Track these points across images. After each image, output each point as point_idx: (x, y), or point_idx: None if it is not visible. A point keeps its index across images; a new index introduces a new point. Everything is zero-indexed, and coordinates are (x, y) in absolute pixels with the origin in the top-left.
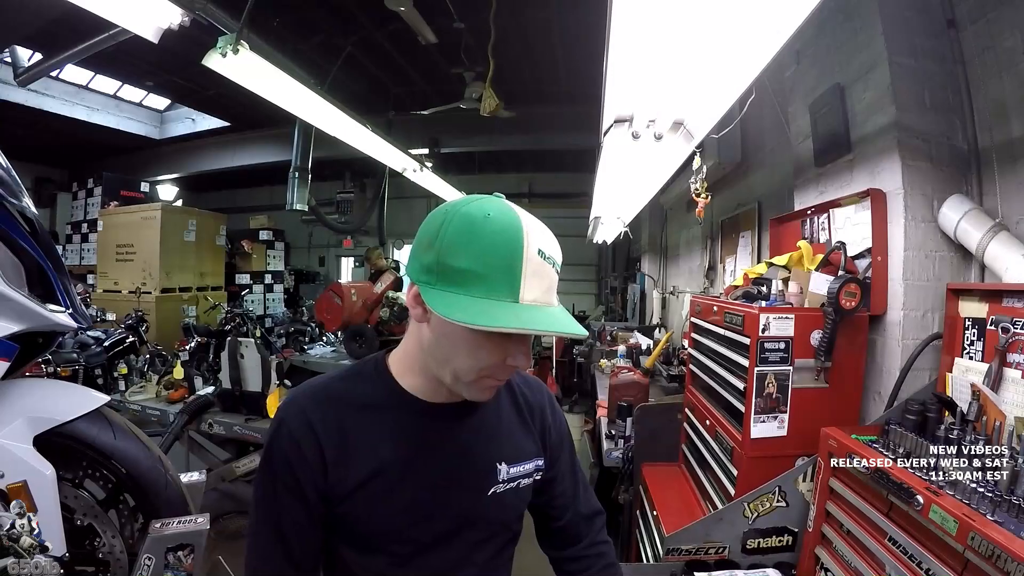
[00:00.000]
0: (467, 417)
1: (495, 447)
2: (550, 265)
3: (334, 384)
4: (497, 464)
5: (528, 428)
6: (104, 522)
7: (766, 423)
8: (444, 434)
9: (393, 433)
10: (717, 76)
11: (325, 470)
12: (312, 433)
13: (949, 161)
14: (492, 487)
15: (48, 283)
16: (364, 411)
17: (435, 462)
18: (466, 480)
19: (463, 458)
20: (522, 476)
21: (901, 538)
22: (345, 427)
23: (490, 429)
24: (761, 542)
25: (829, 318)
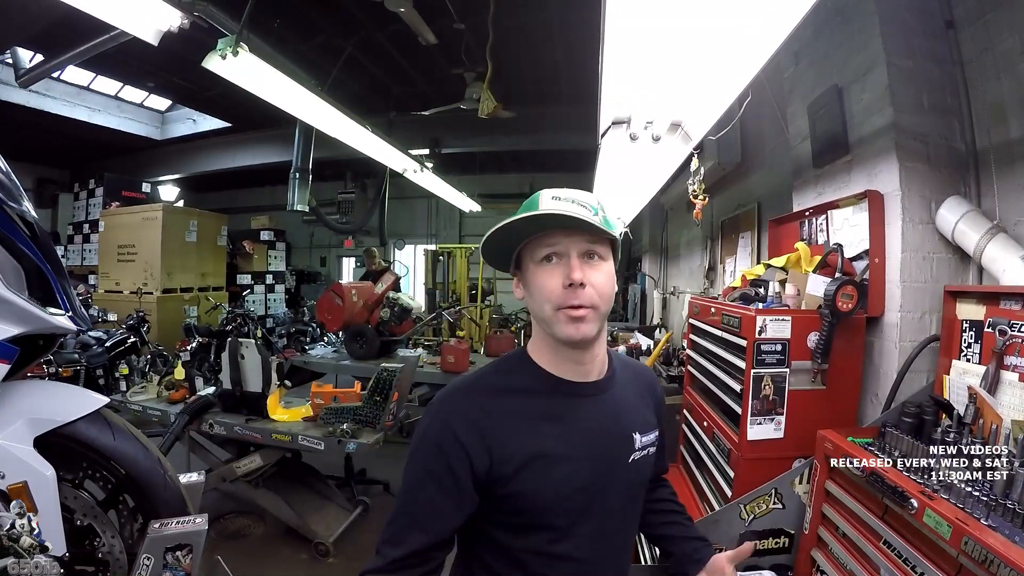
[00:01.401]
0: (605, 392)
1: (629, 419)
2: (568, 202)
3: (486, 377)
4: (633, 434)
5: (647, 402)
6: (104, 522)
7: (763, 425)
8: (590, 410)
9: (549, 414)
10: (715, 77)
11: (489, 454)
12: (469, 421)
13: (947, 163)
14: (631, 455)
15: (48, 286)
16: (520, 397)
17: (587, 437)
18: (612, 450)
19: (608, 430)
20: (650, 445)
21: (896, 542)
22: (504, 413)
23: (624, 403)
24: (757, 544)
25: (826, 320)
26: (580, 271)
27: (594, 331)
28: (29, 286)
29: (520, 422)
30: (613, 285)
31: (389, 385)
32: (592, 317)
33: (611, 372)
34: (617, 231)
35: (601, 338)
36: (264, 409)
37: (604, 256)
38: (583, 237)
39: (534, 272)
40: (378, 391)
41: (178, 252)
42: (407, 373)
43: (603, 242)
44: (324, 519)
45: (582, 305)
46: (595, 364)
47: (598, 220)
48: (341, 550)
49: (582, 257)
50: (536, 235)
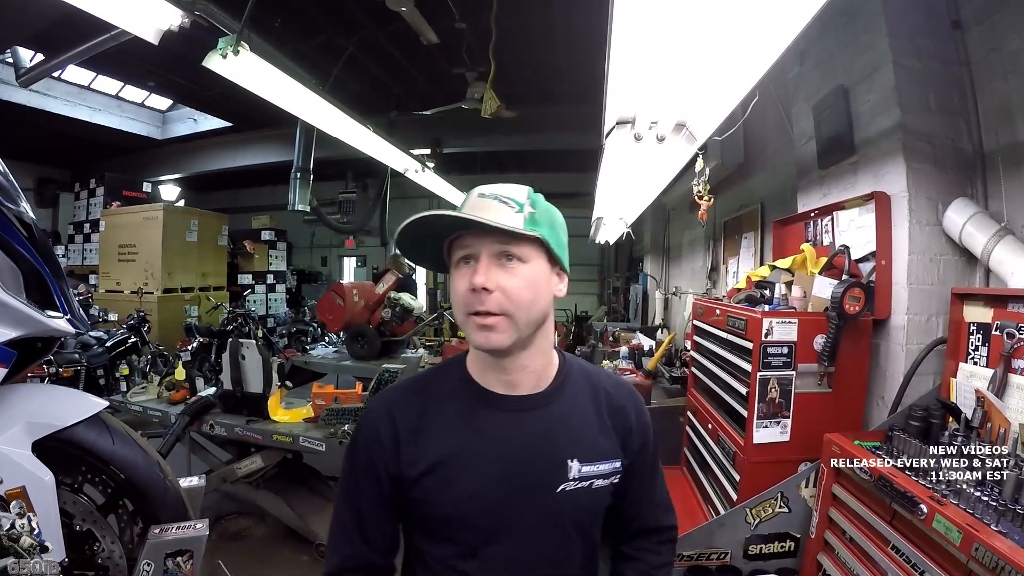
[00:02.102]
0: (539, 410)
1: (567, 443)
2: (491, 199)
3: (420, 379)
4: (568, 461)
5: (607, 428)
6: (103, 527)
7: (768, 428)
8: (514, 426)
9: (464, 422)
10: (720, 78)
11: (398, 452)
12: (390, 418)
13: (954, 164)
14: (562, 484)
15: (46, 288)
16: (441, 401)
17: (503, 453)
18: (535, 474)
19: (532, 451)
20: (596, 476)
21: (904, 546)
22: (422, 414)
23: (563, 424)
24: (763, 548)
25: (833, 323)
26: (485, 275)
27: (507, 341)
28: (27, 288)
29: (434, 427)
30: (536, 290)
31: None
32: (504, 326)
33: (556, 387)
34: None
35: (534, 348)
36: (265, 410)
37: (524, 258)
38: (495, 239)
39: (452, 275)
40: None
41: (179, 252)
42: (408, 374)
43: (523, 242)
44: (325, 520)
45: (489, 312)
46: (525, 376)
47: (520, 219)
48: None
49: (496, 259)
50: (456, 236)
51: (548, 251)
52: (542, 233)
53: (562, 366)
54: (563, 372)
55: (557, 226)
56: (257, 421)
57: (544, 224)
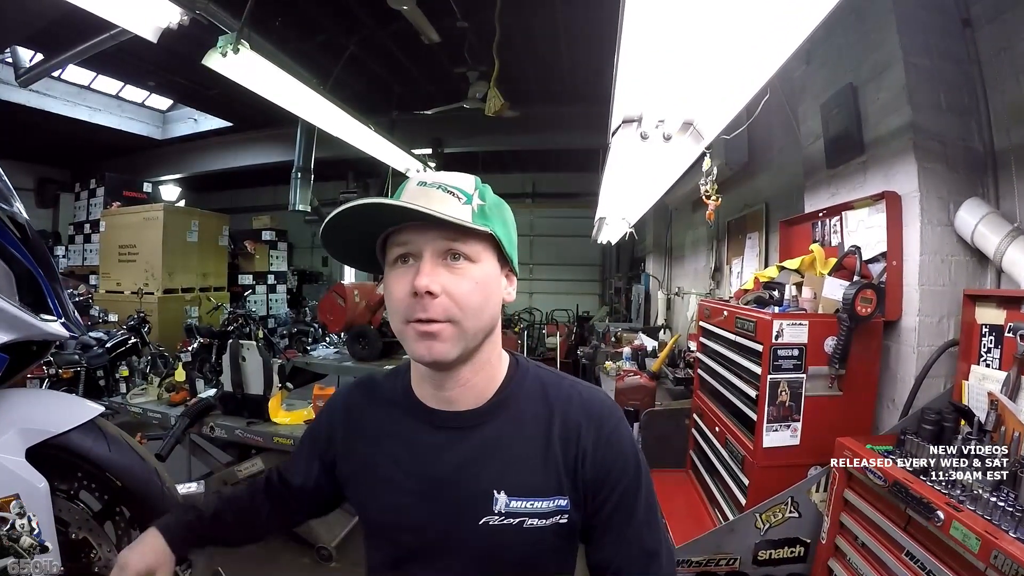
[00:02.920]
0: (472, 431)
1: (494, 470)
2: (433, 188)
3: (378, 377)
4: (494, 492)
5: (552, 458)
6: (99, 535)
7: (778, 432)
8: (443, 445)
9: (394, 433)
10: (729, 77)
11: (336, 442)
12: (340, 413)
13: (965, 164)
14: (484, 516)
15: (39, 291)
16: (381, 406)
17: (428, 472)
18: (456, 500)
19: (456, 474)
20: (528, 514)
21: (919, 553)
22: (364, 417)
23: (494, 448)
24: (773, 553)
25: (844, 324)
26: (430, 276)
27: (452, 352)
28: (20, 291)
29: (369, 431)
30: (486, 294)
31: None
32: (449, 334)
33: (494, 404)
34: (493, 224)
35: (477, 361)
36: (265, 412)
37: (473, 257)
38: (441, 233)
39: (387, 276)
40: None
41: (179, 252)
42: None
43: (473, 239)
44: (326, 523)
45: (432, 319)
46: (464, 392)
47: (468, 211)
48: (344, 555)
49: (441, 258)
50: (392, 230)
51: (499, 249)
52: (494, 229)
53: (509, 379)
54: (507, 387)
55: (508, 222)
56: (258, 423)
57: (495, 219)
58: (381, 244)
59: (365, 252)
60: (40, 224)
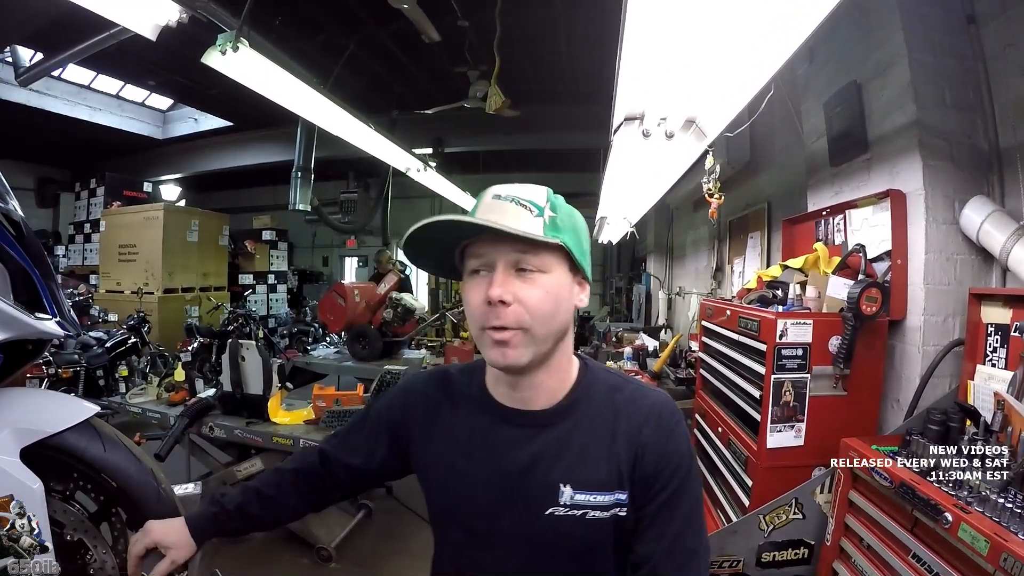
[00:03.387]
0: (543, 429)
1: (562, 465)
2: (507, 201)
3: (452, 372)
4: (561, 485)
5: (615, 455)
6: (95, 537)
7: (782, 432)
8: (515, 441)
9: (470, 427)
10: (732, 74)
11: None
12: (420, 401)
13: (970, 161)
14: (551, 507)
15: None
16: (456, 401)
17: (500, 466)
18: (525, 492)
19: (528, 469)
20: (591, 506)
21: (926, 555)
22: (442, 409)
23: (563, 446)
24: (776, 555)
25: (849, 324)
26: (502, 287)
27: (524, 358)
28: (14, 289)
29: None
30: (557, 302)
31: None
32: (520, 341)
33: (565, 405)
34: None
35: (550, 365)
36: (265, 412)
37: (544, 268)
38: (513, 247)
39: (464, 285)
40: (381, 394)
41: (179, 252)
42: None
43: (544, 250)
44: (326, 523)
45: (505, 327)
46: (537, 392)
47: (539, 224)
48: (343, 555)
49: (513, 269)
50: (469, 242)
51: (570, 259)
52: (564, 240)
53: (579, 381)
54: (577, 389)
55: (579, 231)
56: (257, 423)
57: (566, 229)
58: (460, 255)
59: (445, 262)
60: (40, 224)
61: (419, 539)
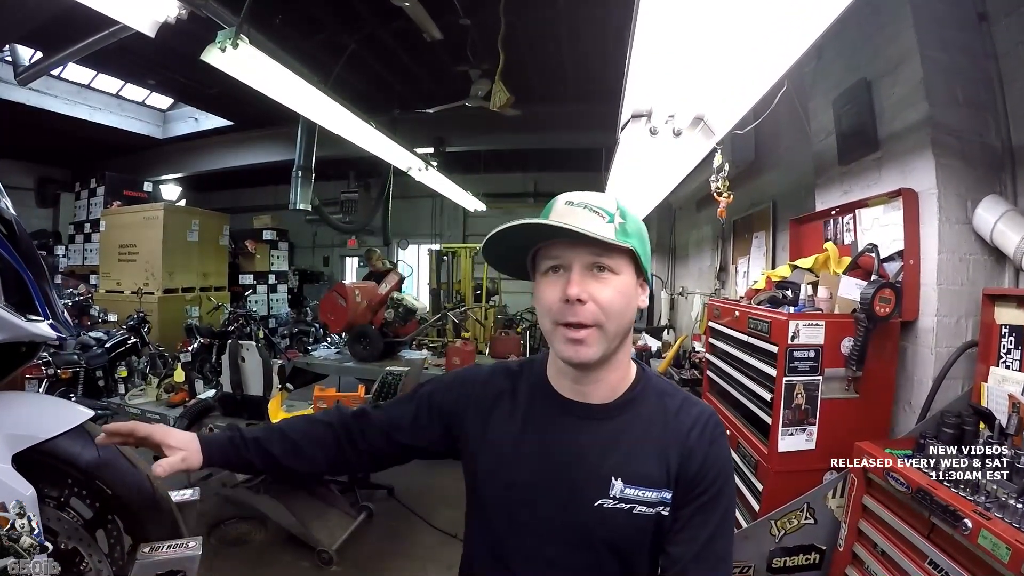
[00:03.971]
0: (599, 421)
1: (615, 459)
2: (580, 207)
3: (512, 366)
4: (612, 478)
5: (664, 454)
6: (89, 545)
7: (794, 436)
8: (571, 432)
9: (525, 416)
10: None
11: (463, 420)
12: (479, 391)
13: (982, 160)
14: (600, 499)
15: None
16: (517, 391)
17: (552, 455)
18: (576, 482)
19: (579, 459)
20: (639, 501)
21: (944, 562)
22: (501, 398)
23: (618, 440)
24: (787, 561)
25: (862, 325)
26: (579, 286)
27: (596, 354)
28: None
29: (503, 411)
30: (627, 301)
31: (394, 389)
32: (594, 338)
33: (622, 401)
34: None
35: (614, 362)
36: (265, 413)
37: (616, 269)
38: (588, 249)
39: (538, 283)
40: (383, 395)
41: (180, 252)
42: (412, 376)
43: (616, 253)
44: (327, 525)
45: (582, 324)
46: (598, 387)
47: (611, 229)
48: (345, 558)
49: (588, 270)
50: (543, 244)
51: (636, 262)
52: (633, 244)
53: (636, 381)
54: (635, 388)
55: (644, 237)
56: (257, 424)
57: (634, 235)
58: (531, 256)
59: (518, 263)
60: (40, 224)
61: (421, 541)
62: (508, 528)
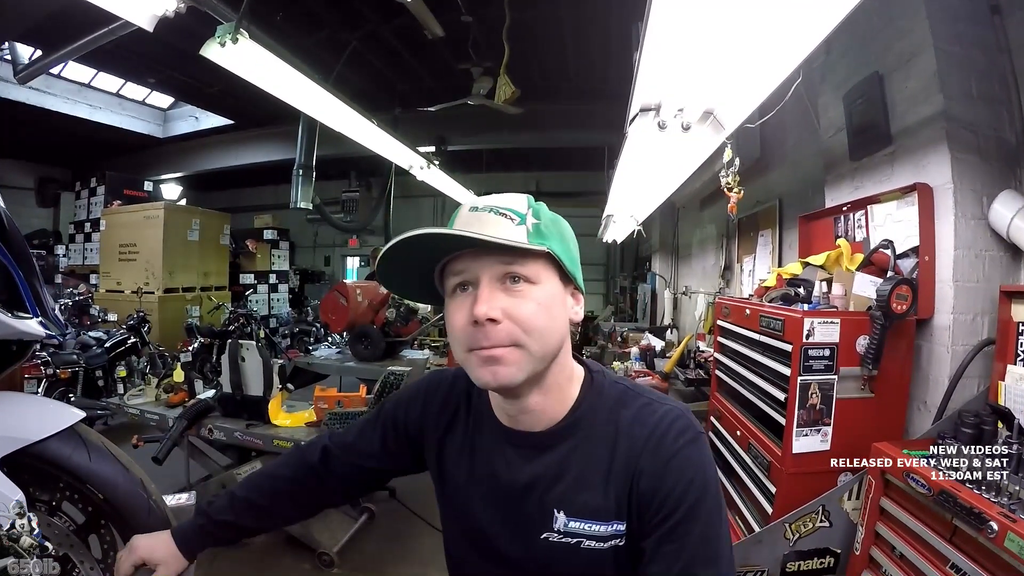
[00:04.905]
0: (541, 452)
1: (559, 490)
2: (485, 211)
3: (467, 381)
4: (555, 511)
5: (607, 482)
6: (81, 552)
7: (808, 437)
8: (513, 462)
9: (474, 449)
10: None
11: (422, 436)
12: (438, 404)
13: (997, 154)
14: (544, 532)
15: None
16: (468, 413)
17: (499, 485)
18: (522, 514)
19: (525, 492)
20: (586, 536)
21: (967, 566)
22: (457, 418)
23: (558, 470)
24: (802, 564)
25: (878, 323)
26: (488, 303)
27: (519, 376)
28: None
29: (457, 433)
30: (550, 315)
31: (396, 389)
32: (515, 358)
33: (563, 427)
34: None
35: (545, 385)
36: (265, 414)
37: (533, 278)
38: (496, 258)
39: (447, 306)
40: (384, 396)
41: (180, 251)
42: (414, 377)
43: (531, 259)
44: (328, 527)
45: (496, 345)
46: (533, 416)
47: (522, 232)
48: (346, 560)
49: (500, 283)
50: (448, 259)
51: (560, 268)
52: (551, 247)
53: (580, 400)
54: (578, 409)
55: (567, 238)
56: (257, 425)
57: (552, 236)
58: (439, 275)
59: (424, 285)
60: (40, 223)
61: (423, 543)
62: (471, 556)
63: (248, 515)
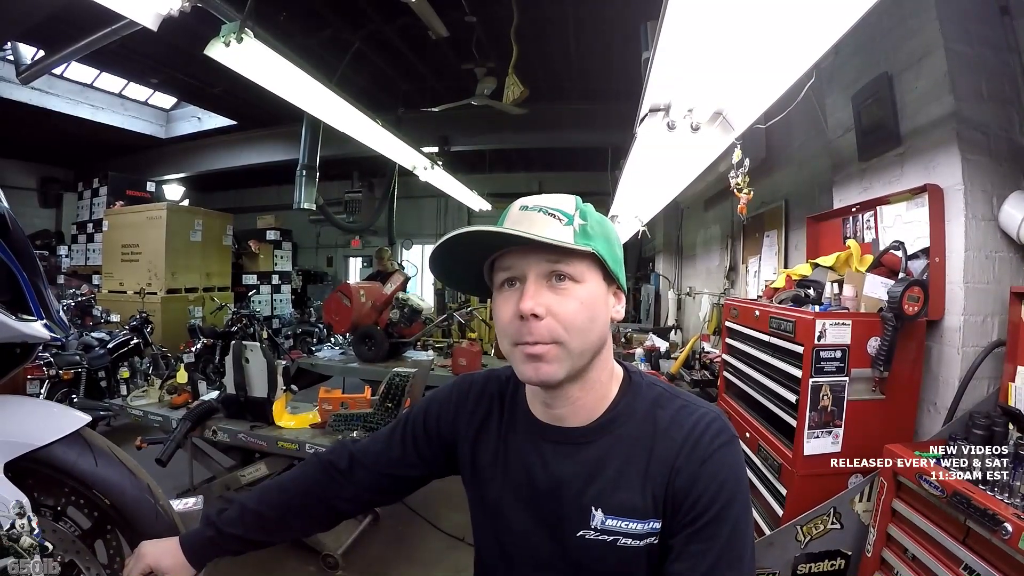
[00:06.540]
0: (578, 448)
1: (597, 487)
2: (535, 211)
3: (504, 372)
4: (592, 508)
5: (645, 480)
6: (87, 558)
7: (820, 438)
8: (550, 459)
9: (509, 442)
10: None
11: (456, 440)
12: (469, 408)
13: (1008, 155)
14: (581, 530)
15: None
16: (501, 412)
17: (532, 483)
18: (556, 511)
19: (560, 489)
20: (623, 534)
21: (981, 568)
22: (489, 419)
23: (597, 467)
24: (812, 567)
25: (889, 324)
26: (534, 299)
27: (559, 373)
28: None
29: (491, 433)
30: (592, 314)
31: (402, 391)
32: (555, 355)
33: (602, 423)
34: (596, 243)
35: (586, 381)
36: (269, 415)
37: (578, 277)
38: (544, 256)
39: (494, 300)
40: (390, 397)
41: (183, 252)
42: (420, 378)
43: (576, 259)
44: (331, 530)
45: (538, 341)
46: (572, 410)
47: (569, 232)
48: (350, 562)
49: (545, 280)
50: (497, 255)
51: (604, 268)
52: (596, 247)
53: (619, 398)
54: (617, 406)
55: (612, 239)
56: (261, 427)
57: (598, 237)
58: (488, 269)
59: (472, 277)
60: (43, 224)
61: (428, 546)
62: (500, 559)
63: (257, 530)
